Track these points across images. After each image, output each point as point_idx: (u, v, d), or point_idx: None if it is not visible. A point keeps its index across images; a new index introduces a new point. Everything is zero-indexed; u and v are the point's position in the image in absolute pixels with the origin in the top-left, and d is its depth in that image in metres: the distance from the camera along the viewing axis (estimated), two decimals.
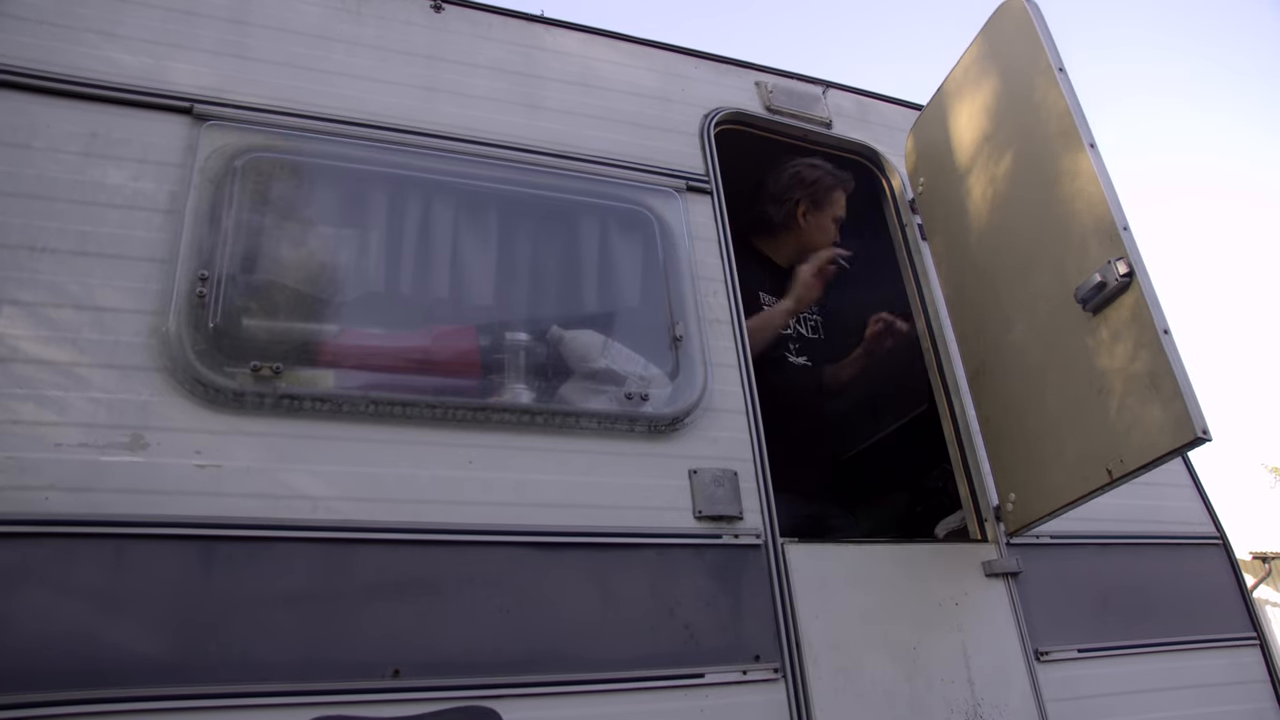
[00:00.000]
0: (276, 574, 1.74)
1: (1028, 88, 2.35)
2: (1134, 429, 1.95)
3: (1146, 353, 1.92)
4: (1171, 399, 1.85)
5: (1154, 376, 1.90)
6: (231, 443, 1.82)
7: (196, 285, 1.92)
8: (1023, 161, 2.37)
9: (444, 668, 1.76)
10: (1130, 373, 1.96)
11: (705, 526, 2.10)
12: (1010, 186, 2.42)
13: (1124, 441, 1.98)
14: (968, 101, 2.65)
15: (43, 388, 1.73)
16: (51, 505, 1.64)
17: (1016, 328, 2.37)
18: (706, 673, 1.94)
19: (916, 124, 2.95)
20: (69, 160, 1.96)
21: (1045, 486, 2.26)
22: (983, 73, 2.58)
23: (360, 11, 2.47)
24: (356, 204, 2.28)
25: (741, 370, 2.36)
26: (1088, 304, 2.06)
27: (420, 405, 1.98)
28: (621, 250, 2.47)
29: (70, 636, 1.56)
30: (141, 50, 2.15)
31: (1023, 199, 2.36)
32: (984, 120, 2.56)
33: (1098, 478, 2.06)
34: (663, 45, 2.91)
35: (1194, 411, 1.82)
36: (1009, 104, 2.45)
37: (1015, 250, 2.40)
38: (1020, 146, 2.38)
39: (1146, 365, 1.92)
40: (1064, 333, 2.18)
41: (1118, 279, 1.97)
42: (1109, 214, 2.02)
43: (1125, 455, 1.98)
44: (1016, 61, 2.42)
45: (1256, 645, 2.74)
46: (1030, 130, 2.33)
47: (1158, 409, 1.89)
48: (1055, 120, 2.23)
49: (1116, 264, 1.98)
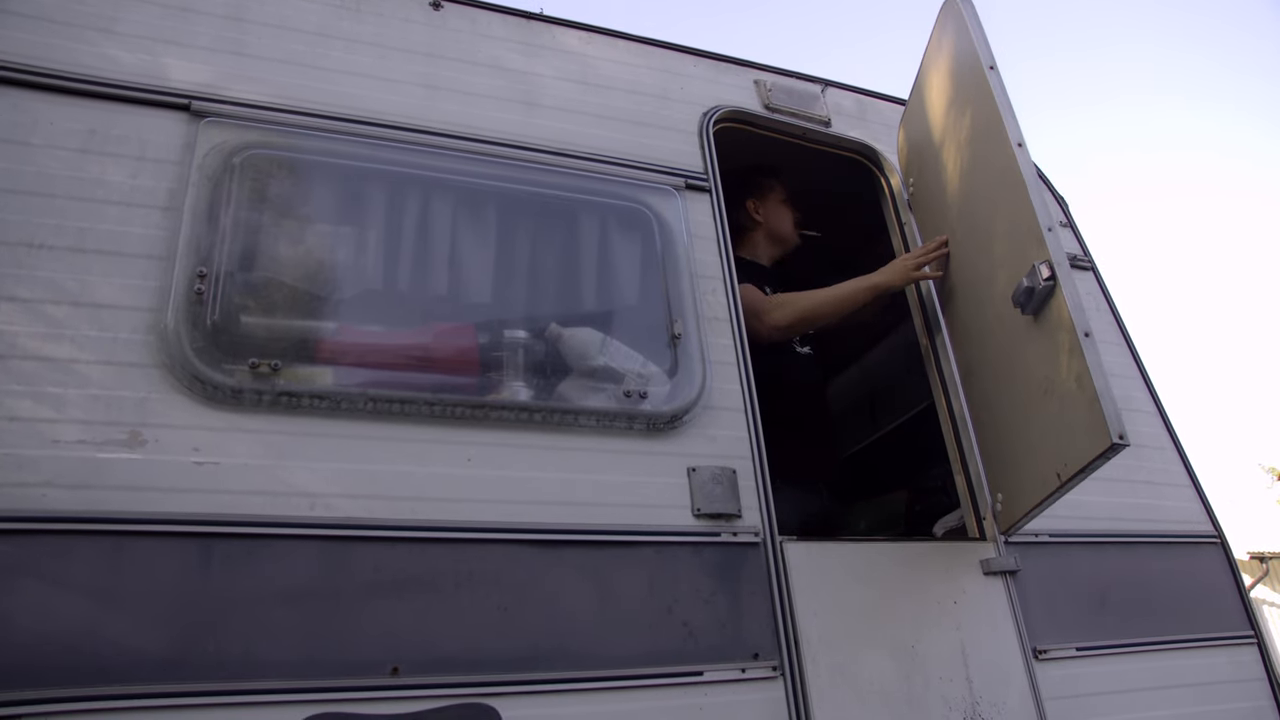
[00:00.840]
0: (275, 571, 1.73)
1: (971, 86, 2.30)
2: (1070, 433, 1.93)
3: (1072, 357, 1.89)
4: (1091, 404, 1.82)
5: (1079, 380, 1.87)
6: (230, 440, 1.82)
7: (195, 282, 1.92)
8: (973, 163, 2.34)
9: (443, 665, 1.76)
10: (1063, 377, 1.94)
11: (704, 524, 2.10)
12: (967, 188, 2.41)
13: (1066, 446, 1.95)
14: (934, 99, 2.63)
15: (41, 384, 1.72)
16: (49, 502, 1.63)
17: (987, 328, 2.37)
18: (705, 670, 1.94)
19: (903, 119, 2.96)
20: (67, 157, 1.96)
21: (1020, 488, 2.28)
22: (939, 70, 2.54)
23: (359, 9, 2.47)
24: (355, 201, 2.28)
25: (740, 368, 2.36)
26: (1025, 308, 2.04)
27: (419, 403, 1.98)
28: (620, 248, 2.47)
29: (68, 633, 1.56)
30: (140, 47, 2.15)
31: (977, 199, 2.34)
32: (947, 120, 2.52)
33: (1051, 482, 2.03)
34: (662, 43, 2.91)
35: (1110, 417, 1.78)
36: (959, 103, 2.41)
37: (977, 251, 2.39)
38: (971, 148, 2.35)
39: (1073, 369, 1.89)
40: (1013, 336, 2.16)
41: (1042, 282, 1.95)
42: (1034, 215, 2.00)
43: (1067, 459, 1.95)
44: (960, 59, 2.38)
45: (1254, 644, 2.74)
46: (974, 130, 2.29)
47: (1082, 414, 1.86)
48: (987, 120, 2.19)
49: (1040, 267, 1.96)
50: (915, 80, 2.78)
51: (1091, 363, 1.83)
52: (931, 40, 2.60)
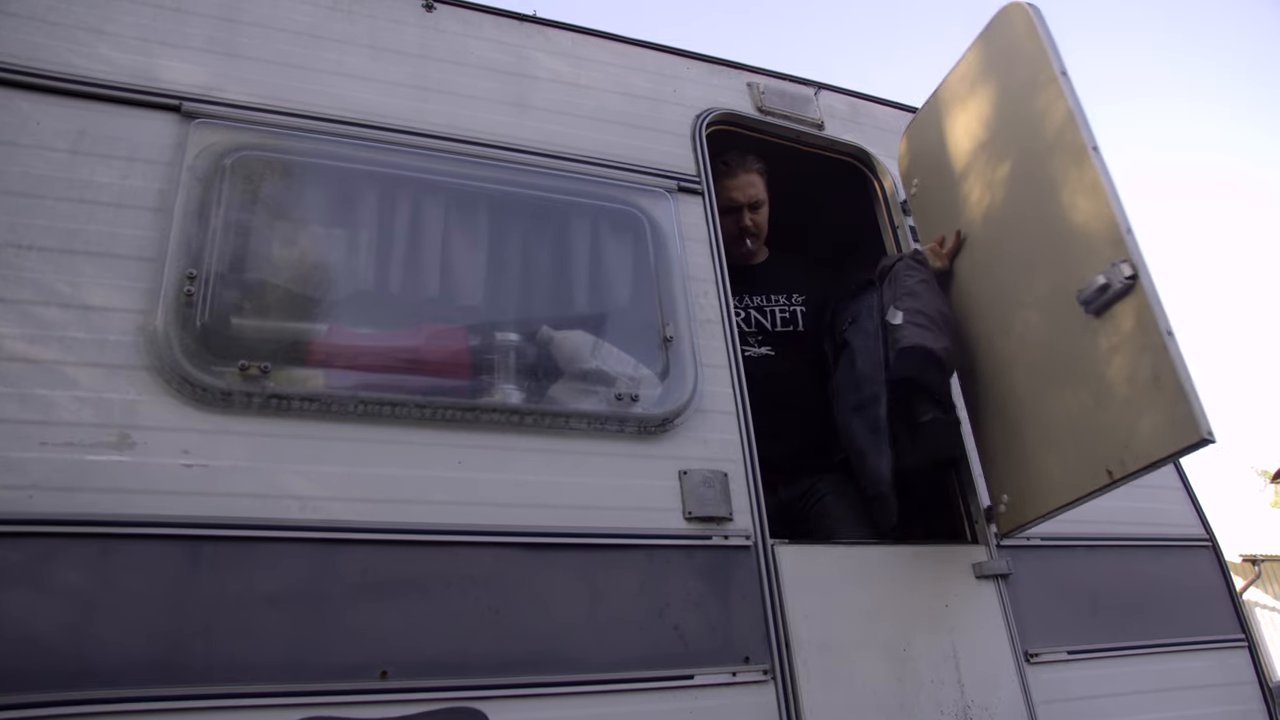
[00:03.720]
0: (264, 574, 1.73)
1: (1029, 91, 2.35)
2: (1136, 431, 1.95)
3: (1150, 355, 1.92)
4: (1175, 401, 1.85)
5: (1158, 379, 1.89)
6: (219, 442, 1.81)
7: (185, 284, 1.91)
8: (1024, 165, 2.37)
9: (432, 669, 1.75)
10: (1133, 375, 1.96)
11: (695, 527, 2.10)
12: (1010, 189, 2.42)
13: (1126, 443, 1.98)
14: (967, 105, 2.65)
15: (28, 386, 1.72)
16: (36, 504, 1.62)
17: (1013, 329, 2.38)
18: (696, 674, 1.94)
19: (911, 126, 2.95)
20: (57, 158, 1.95)
21: (1040, 488, 2.26)
22: (983, 76, 2.57)
23: (351, 10, 2.46)
24: (346, 203, 2.27)
25: (732, 371, 2.36)
26: (1090, 306, 2.06)
27: (409, 405, 1.98)
28: (612, 250, 2.47)
29: (55, 637, 1.55)
30: (131, 48, 2.14)
31: (1023, 201, 2.36)
32: (983, 123, 2.56)
33: (1096, 479, 2.05)
34: (655, 46, 2.91)
35: (1198, 413, 1.82)
36: (1009, 107, 2.44)
37: (1013, 253, 2.40)
38: (1021, 150, 2.38)
39: (1150, 367, 1.92)
40: (1063, 335, 2.18)
41: (1122, 281, 1.97)
42: (1113, 217, 2.02)
43: (1126, 457, 1.97)
44: (1017, 65, 2.41)
45: (1245, 647, 2.75)
46: (1033, 133, 2.33)
47: (1161, 411, 1.88)
48: (1058, 123, 2.22)
49: (1120, 266, 1.98)
50: (940, 86, 2.77)
51: (1177, 360, 1.86)
52: (975, 47, 2.60)
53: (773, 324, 2.88)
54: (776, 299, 2.92)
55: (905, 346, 2.43)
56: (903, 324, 2.47)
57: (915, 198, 2.89)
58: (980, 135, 2.57)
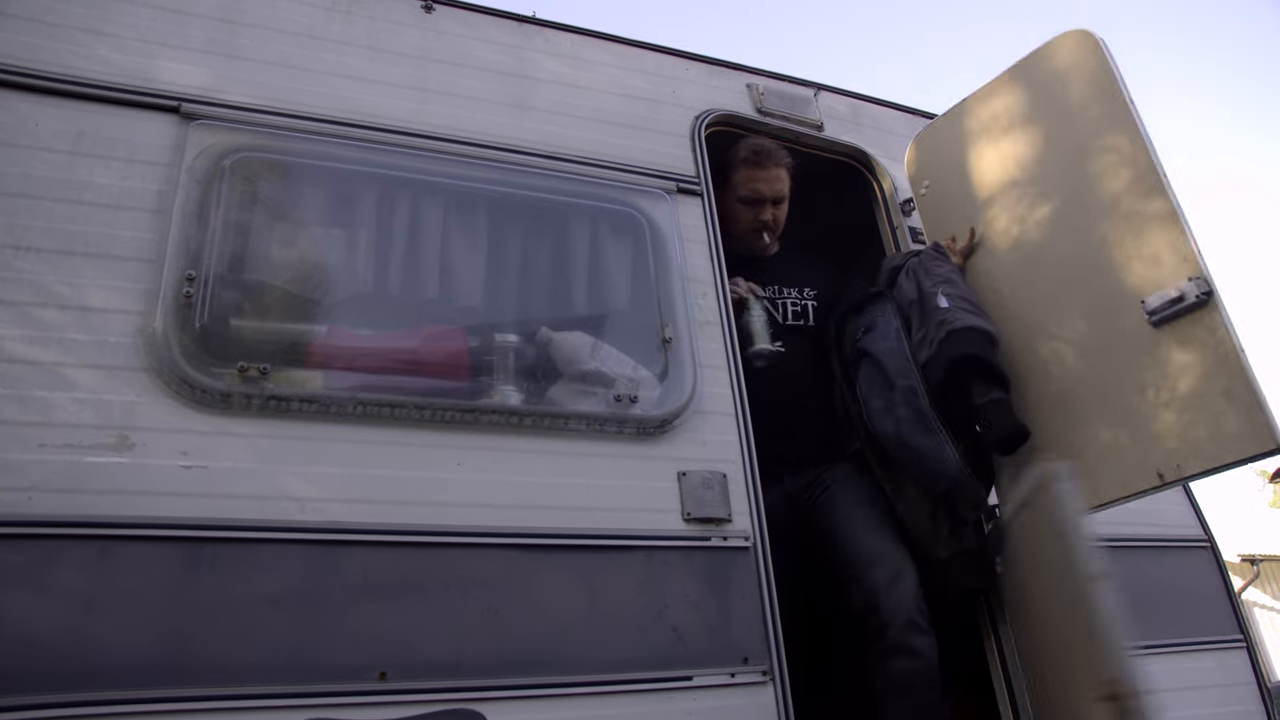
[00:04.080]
0: (263, 575, 1.73)
1: (1090, 116, 2.43)
2: (1194, 437, 2.04)
3: (1223, 367, 2.02)
4: (1251, 410, 1.96)
5: (1230, 390, 2.00)
6: (218, 444, 1.81)
7: (184, 285, 1.91)
8: (1075, 185, 2.45)
9: (431, 670, 1.75)
10: (1199, 384, 2.06)
11: (694, 529, 2.10)
12: (1057, 205, 2.50)
13: (1180, 448, 2.06)
14: (1000, 117, 2.71)
15: (27, 388, 1.71)
16: (35, 506, 1.62)
17: (1057, 334, 2.42)
18: (695, 675, 1.94)
19: (927, 131, 2.93)
20: (56, 159, 1.95)
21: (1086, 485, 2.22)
22: (1029, 94, 2.64)
23: (350, 11, 2.46)
24: (345, 204, 2.27)
25: (731, 372, 2.36)
26: (1155, 315, 2.14)
27: (409, 406, 1.98)
28: (611, 252, 2.47)
29: (54, 639, 1.55)
30: (130, 49, 2.14)
31: (1073, 219, 2.45)
32: (1023, 139, 2.62)
33: (1146, 480, 2.12)
34: (654, 47, 2.91)
35: (1274, 423, 1.93)
36: (1062, 128, 2.51)
37: (1058, 263, 2.46)
38: (1074, 169, 2.46)
39: (1221, 378, 2.02)
40: (1115, 342, 2.25)
41: (1197, 295, 2.07)
42: (1186, 240, 2.14)
43: (1183, 461, 2.06)
44: (1075, 88, 2.50)
45: (1243, 648, 2.75)
46: (1091, 156, 2.41)
47: (1232, 419, 1.99)
48: (1126, 153, 2.31)
49: (1197, 281, 2.08)
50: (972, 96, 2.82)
51: (1251, 374, 1.98)
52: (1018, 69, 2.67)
53: (784, 317, 2.81)
54: (788, 292, 2.85)
55: (961, 327, 2.40)
56: (950, 307, 2.45)
57: (924, 198, 2.89)
58: (1018, 150, 2.63)
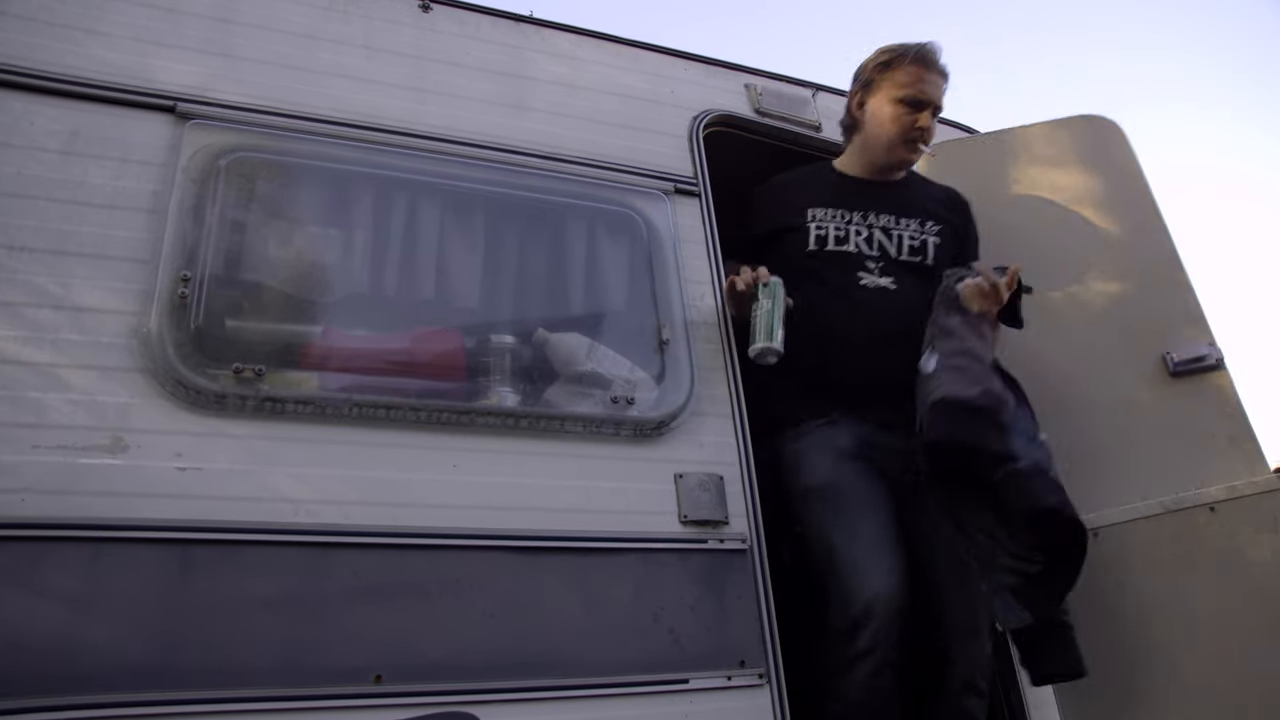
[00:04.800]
0: (257, 578, 1.72)
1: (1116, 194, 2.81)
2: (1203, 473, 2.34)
3: (1231, 421, 2.39)
4: (1254, 460, 2.33)
5: (1234, 437, 2.37)
6: (213, 445, 1.80)
7: (178, 286, 1.90)
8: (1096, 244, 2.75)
9: (426, 673, 1.75)
10: (1209, 430, 2.40)
11: (691, 531, 2.09)
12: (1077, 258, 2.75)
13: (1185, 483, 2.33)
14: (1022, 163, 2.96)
15: (20, 389, 1.70)
16: (28, 508, 1.61)
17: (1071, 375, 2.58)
18: (691, 678, 1.93)
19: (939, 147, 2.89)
20: (49, 158, 1.93)
21: None
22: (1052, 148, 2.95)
23: (347, 11, 2.45)
24: (342, 205, 2.26)
25: (728, 373, 2.35)
26: (1176, 366, 2.47)
27: (404, 408, 1.97)
28: (608, 252, 2.46)
29: (46, 641, 1.54)
30: (125, 48, 2.12)
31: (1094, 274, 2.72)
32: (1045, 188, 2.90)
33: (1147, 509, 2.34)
34: (652, 47, 2.90)
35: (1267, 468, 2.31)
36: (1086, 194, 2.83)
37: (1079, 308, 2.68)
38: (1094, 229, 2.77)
39: (1229, 429, 2.39)
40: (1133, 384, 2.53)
41: (1216, 359, 2.45)
42: (1200, 308, 2.55)
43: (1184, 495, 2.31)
44: (1101, 162, 2.88)
45: None
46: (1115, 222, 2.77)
47: (1238, 461, 2.34)
48: (1149, 234, 2.71)
49: (1216, 347, 2.46)
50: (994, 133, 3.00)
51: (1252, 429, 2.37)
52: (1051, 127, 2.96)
53: (898, 250, 2.56)
54: (907, 223, 2.61)
55: (935, 400, 2.15)
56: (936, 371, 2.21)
57: None
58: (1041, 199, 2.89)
